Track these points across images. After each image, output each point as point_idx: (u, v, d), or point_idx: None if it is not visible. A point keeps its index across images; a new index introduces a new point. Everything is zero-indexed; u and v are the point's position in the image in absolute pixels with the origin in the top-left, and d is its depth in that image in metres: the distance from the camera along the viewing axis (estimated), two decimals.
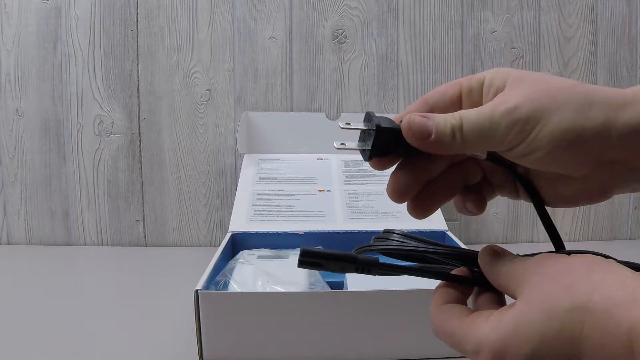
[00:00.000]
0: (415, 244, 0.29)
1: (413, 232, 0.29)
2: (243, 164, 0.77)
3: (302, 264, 0.27)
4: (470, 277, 0.29)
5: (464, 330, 0.26)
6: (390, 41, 0.83)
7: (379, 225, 0.63)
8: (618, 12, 0.84)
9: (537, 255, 0.26)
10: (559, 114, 0.25)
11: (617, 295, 0.22)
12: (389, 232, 0.29)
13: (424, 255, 0.29)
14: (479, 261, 0.29)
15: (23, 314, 0.55)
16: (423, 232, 0.63)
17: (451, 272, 0.29)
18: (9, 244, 0.83)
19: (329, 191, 0.72)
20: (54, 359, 0.46)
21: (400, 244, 0.29)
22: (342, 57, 0.83)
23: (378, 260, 0.28)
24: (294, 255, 0.56)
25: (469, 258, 0.29)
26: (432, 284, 0.29)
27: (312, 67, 0.83)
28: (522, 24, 0.83)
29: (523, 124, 0.25)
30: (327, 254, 0.27)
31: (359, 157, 0.29)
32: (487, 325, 0.25)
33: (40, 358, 0.46)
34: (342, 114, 0.82)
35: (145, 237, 0.83)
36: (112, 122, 0.82)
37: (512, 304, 0.25)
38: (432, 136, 0.26)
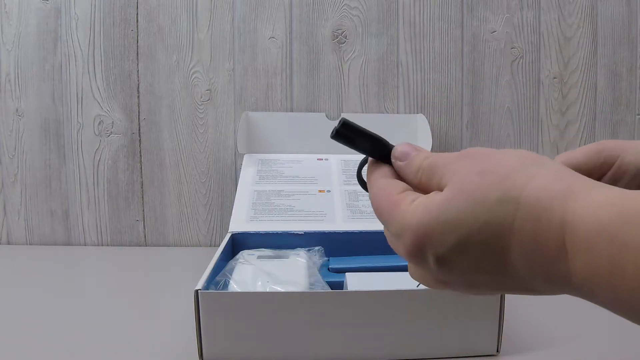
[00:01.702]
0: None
1: None
2: (243, 164, 0.77)
3: (338, 135, 0.27)
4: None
5: (390, 211, 0.25)
6: (390, 41, 0.83)
7: (379, 226, 0.64)
8: (618, 12, 0.84)
9: (463, 150, 0.25)
10: None
11: (552, 187, 0.21)
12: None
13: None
14: (391, 157, 0.28)
15: (23, 314, 0.55)
16: None
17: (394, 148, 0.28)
18: (9, 244, 0.83)
19: (329, 191, 0.72)
20: (54, 359, 0.46)
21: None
22: (342, 57, 0.83)
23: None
24: (294, 255, 0.56)
25: (386, 148, 0.28)
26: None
27: (312, 67, 0.83)
28: (522, 24, 0.83)
29: None
30: (365, 134, 0.27)
31: (360, 157, 0.30)
32: (411, 209, 0.24)
33: (40, 358, 0.46)
34: (342, 114, 0.82)
35: (145, 237, 0.83)
36: (112, 122, 0.82)
37: (439, 192, 0.24)
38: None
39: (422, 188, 0.26)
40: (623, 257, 0.18)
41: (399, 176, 0.27)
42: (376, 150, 0.28)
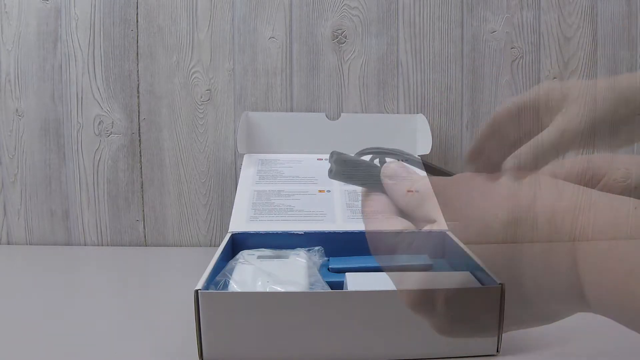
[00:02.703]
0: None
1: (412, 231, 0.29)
2: (243, 164, 0.77)
3: (337, 174, 0.27)
4: None
5: (391, 253, 0.24)
6: (390, 41, 0.83)
7: None
8: (618, 12, 0.84)
9: (456, 175, 0.24)
10: None
11: (560, 204, 0.20)
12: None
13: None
14: (381, 174, 0.27)
15: (23, 314, 0.55)
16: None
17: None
18: (9, 244, 0.83)
19: (329, 191, 0.72)
20: (54, 359, 0.46)
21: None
22: (342, 57, 0.83)
23: None
24: (294, 255, 0.56)
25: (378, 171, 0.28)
26: None
27: (312, 67, 0.83)
28: (522, 24, 0.83)
29: None
30: (359, 162, 0.27)
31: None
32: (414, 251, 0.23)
33: (40, 358, 0.46)
34: (342, 114, 0.82)
35: (145, 237, 0.83)
36: (112, 122, 0.82)
37: (437, 223, 0.23)
38: None
39: (407, 210, 0.25)
40: (631, 281, 0.18)
41: (394, 209, 0.26)
42: (371, 177, 0.27)
